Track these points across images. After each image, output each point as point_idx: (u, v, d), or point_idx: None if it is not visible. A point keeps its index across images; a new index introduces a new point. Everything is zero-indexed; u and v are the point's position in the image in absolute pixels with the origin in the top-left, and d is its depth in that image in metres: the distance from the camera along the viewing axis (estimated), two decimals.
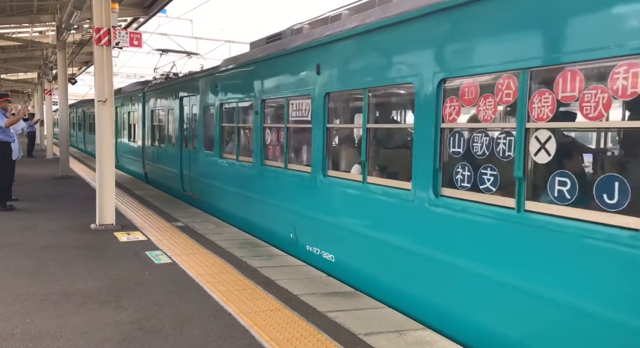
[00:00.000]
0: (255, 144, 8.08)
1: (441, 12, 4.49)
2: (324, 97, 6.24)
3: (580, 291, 3.36)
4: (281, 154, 7.42)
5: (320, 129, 6.36)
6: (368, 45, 5.60)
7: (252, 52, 8.78)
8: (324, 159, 6.32)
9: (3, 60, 26.23)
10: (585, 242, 3.33)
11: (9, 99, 10.50)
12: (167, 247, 7.04)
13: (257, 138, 8.03)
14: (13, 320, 4.39)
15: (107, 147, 8.30)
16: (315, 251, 6.43)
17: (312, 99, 6.46)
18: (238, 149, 8.93)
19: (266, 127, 7.87)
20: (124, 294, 5.09)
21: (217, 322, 4.43)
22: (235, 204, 8.99)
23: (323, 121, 6.29)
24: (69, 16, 13.59)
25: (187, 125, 11.64)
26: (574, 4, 3.45)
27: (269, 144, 7.85)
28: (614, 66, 3.20)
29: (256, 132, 8.04)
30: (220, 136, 9.67)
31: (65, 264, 6.15)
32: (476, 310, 4.17)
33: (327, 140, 6.35)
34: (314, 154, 6.50)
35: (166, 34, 28.58)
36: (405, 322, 4.50)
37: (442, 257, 4.48)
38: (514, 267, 3.83)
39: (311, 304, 4.89)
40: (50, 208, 10.09)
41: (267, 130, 7.84)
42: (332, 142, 6.58)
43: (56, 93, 19.35)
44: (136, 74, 39.69)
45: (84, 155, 26.00)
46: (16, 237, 7.56)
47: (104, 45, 8.06)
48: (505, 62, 3.89)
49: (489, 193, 4.10)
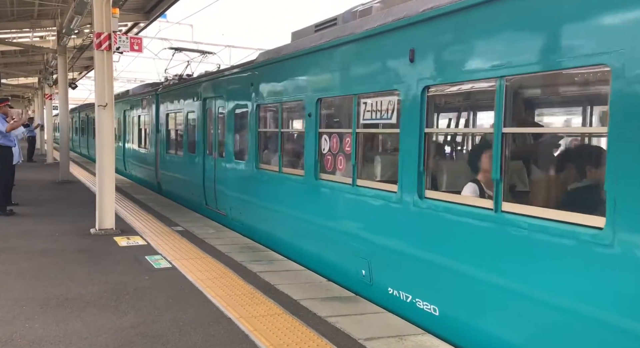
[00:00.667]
0: (308, 153, 6.59)
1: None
2: (421, 92, 4.71)
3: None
4: (346, 167, 5.99)
5: (413, 134, 4.79)
6: None
7: (298, 43, 7.18)
8: (420, 174, 4.75)
9: (4, 65, 26.28)
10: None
11: (9, 103, 10.52)
12: (167, 251, 7.03)
13: (309, 146, 6.56)
14: (12, 325, 4.38)
15: (108, 152, 8.30)
16: (405, 297, 4.97)
17: (403, 94, 4.93)
18: (281, 158, 7.41)
19: (323, 133, 6.45)
20: (124, 299, 5.09)
21: (217, 326, 4.42)
22: (278, 226, 7.51)
23: (419, 124, 4.73)
24: (70, 21, 13.64)
25: (212, 130, 10.11)
26: None
27: (328, 153, 6.37)
28: None
29: (308, 139, 6.58)
30: (256, 143, 8.16)
31: (65, 269, 6.14)
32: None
33: (424, 149, 4.73)
34: (401, 168, 4.98)
35: (166, 39, 28.66)
36: (405, 327, 4.49)
37: None
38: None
39: (311, 309, 4.89)
40: (50, 212, 10.09)
41: (325, 136, 6.41)
42: (433, 152, 5.13)
43: (56, 98, 19.41)
44: (136, 78, 39.81)
45: (84, 159, 25.96)
46: (16, 241, 7.55)
47: (105, 50, 8.09)
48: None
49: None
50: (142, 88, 16.89)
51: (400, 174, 5.00)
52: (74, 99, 35.52)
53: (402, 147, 4.98)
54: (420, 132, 4.74)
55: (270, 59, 7.76)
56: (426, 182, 4.79)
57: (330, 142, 6.32)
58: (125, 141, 17.58)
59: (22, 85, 35.90)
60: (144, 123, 15.38)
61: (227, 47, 29.45)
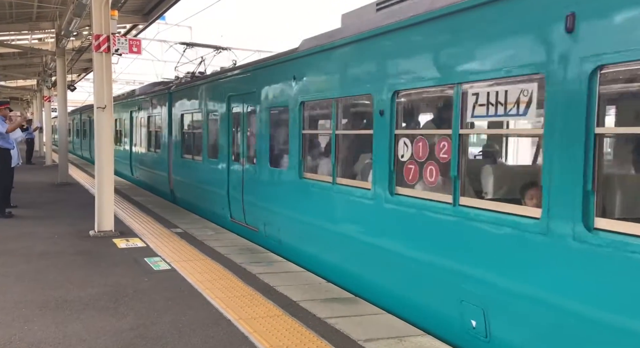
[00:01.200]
0: (379, 161, 5.24)
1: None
2: (589, 76, 3.26)
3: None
4: (441, 181, 4.65)
5: (573, 136, 3.37)
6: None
7: (360, 25, 5.73)
8: (588, 195, 3.31)
9: (2, 67, 26.28)
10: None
11: (9, 106, 10.53)
12: (166, 253, 7.03)
13: (380, 152, 5.22)
14: (12, 327, 4.37)
15: (106, 154, 8.30)
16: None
17: (550, 78, 3.50)
18: (335, 165, 6.11)
19: (402, 135, 5.07)
20: (123, 301, 5.08)
21: (216, 328, 4.41)
22: (335, 251, 6.06)
23: (586, 123, 3.30)
24: (69, 23, 13.64)
25: (240, 133, 8.76)
26: None
27: (409, 161, 4.97)
28: None
29: (379, 143, 5.25)
30: (300, 147, 6.78)
31: (63, 271, 6.13)
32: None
33: (593, 156, 3.30)
34: (549, 184, 3.54)
35: (165, 41, 28.67)
36: (405, 328, 4.49)
37: None
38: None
39: (311, 310, 4.88)
40: (49, 215, 10.07)
41: (405, 139, 5.02)
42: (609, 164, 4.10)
43: (55, 100, 19.39)
44: (135, 80, 39.81)
45: (84, 162, 25.92)
46: (15, 244, 7.54)
47: (104, 52, 8.09)
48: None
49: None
50: (151, 87, 15.67)
51: (546, 194, 3.54)
52: (73, 101, 35.46)
53: (549, 154, 3.56)
54: (587, 133, 3.29)
55: (321, 45, 6.31)
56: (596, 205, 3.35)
57: (414, 147, 4.92)
58: (132, 144, 16.44)
59: (21, 87, 35.91)
60: (153, 124, 14.16)
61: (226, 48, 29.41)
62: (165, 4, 14.52)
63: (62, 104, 17.01)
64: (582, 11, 3.31)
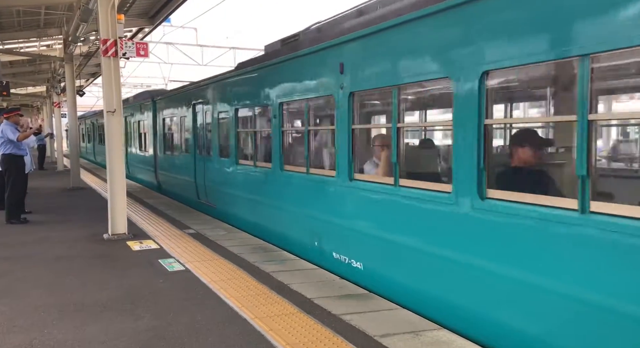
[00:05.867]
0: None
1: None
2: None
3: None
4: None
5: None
6: None
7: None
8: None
9: (12, 74, 26.50)
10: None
11: (20, 113, 10.63)
12: (180, 254, 7.08)
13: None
14: (31, 331, 4.43)
15: (117, 156, 8.37)
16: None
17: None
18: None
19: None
20: (140, 303, 5.13)
21: (232, 327, 4.45)
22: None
23: None
24: (76, 29, 13.74)
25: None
26: None
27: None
28: None
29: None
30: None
31: (80, 274, 6.20)
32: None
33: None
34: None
35: (171, 43, 28.77)
36: (420, 323, 4.49)
37: None
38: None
39: (325, 307, 4.90)
40: (63, 219, 10.18)
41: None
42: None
43: (65, 105, 19.55)
44: (142, 83, 40.00)
45: (95, 166, 26.11)
46: (31, 249, 7.63)
47: (111, 57, 8.15)
48: None
49: None
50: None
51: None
52: (82, 106, 35.77)
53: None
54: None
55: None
56: None
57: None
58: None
59: (31, 94, 36.23)
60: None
61: (232, 49, 29.54)
62: (170, 7, 14.55)
63: (72, 109, 17.15)
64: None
